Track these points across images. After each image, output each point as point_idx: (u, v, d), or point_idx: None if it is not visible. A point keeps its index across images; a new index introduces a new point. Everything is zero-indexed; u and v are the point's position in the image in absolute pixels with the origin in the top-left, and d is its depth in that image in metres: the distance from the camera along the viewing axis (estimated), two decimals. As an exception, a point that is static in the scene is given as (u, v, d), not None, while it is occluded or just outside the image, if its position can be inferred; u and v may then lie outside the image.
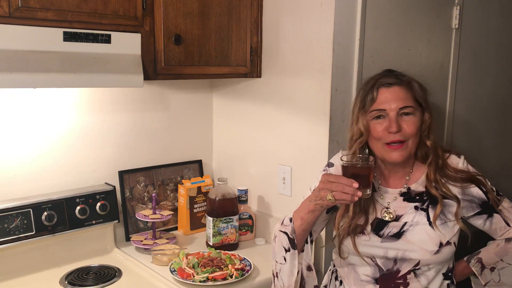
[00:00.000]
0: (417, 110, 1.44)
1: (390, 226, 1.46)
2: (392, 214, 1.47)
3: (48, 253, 1.83)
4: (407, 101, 1.42)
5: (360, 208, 1.47)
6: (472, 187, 1.47)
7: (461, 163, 1.50)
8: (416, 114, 1.44)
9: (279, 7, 1.96)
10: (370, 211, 1.48)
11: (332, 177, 1.35)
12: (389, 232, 1.45)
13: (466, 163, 1.51)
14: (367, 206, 1.48)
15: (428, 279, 1.44)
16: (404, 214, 1.46)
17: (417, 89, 1.45)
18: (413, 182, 1.50)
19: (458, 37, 2.26)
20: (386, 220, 1.47)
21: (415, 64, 2.09)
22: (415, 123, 1.42)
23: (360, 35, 1.82)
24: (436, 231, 1.42)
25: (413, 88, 1.45)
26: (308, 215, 1.43)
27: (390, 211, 1.47)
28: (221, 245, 1.97)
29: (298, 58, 1.90)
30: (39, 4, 1.45)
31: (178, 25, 1.77)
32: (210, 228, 1.97)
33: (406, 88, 1.44)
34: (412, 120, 1.42)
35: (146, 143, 2.17)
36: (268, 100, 2.05)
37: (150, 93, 2.16)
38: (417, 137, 1.44)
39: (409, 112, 1.42)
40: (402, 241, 1.43)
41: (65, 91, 1.91)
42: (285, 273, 1.47)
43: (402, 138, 1.41)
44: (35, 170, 1.88)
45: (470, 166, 1.51)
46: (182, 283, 1.66)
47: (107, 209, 1.94)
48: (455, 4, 2.22)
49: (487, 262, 1.49)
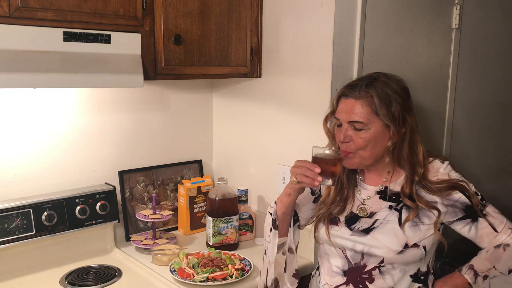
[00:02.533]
0: (372, 124, 1.42)
1: (362, 221, 1.50)
2: (366, 211, 1.51)
3: (48, 253, 1.83)
4: (358, 115, 1.43)
5: (340, 198, 1.54)
6: (454, 192, 1.46)
7: (443, 168, 1.49)
8: (371, 129, 1.43)
9: (279, 7, 1.96)
10: (348, 203, 1.54)
11: (300, 162, 1.44)
12: (360, 226, 1.49)
13: (449, 168, 1.49)
14: (347, 197, 1.54)
15: (393, 278, 1.46)
16: (378, 211, 1.49)
17: (378, 105, 1.41)
18: (391, 182, 1.51)
19: (458, 37, 2.26)
20: (360, 215, 1.51)
21: (415, 64, 2.09)
22: (364, 138, 1.43)
23: (360, 35, 1.82)
24: (404, 233, 1.44)
25: (373, 103, 1.42)
26: (286, 198, 1.50)
27: (365, 207, 1.51)
28: (221, 245, 1.97)
29: (298, 58, 1.90)
30: (39, 4, 1.45)
31: (178, 25, 1.77)
32: (210, 228, 1.97)
33: (362, 102, 1.43)
34: (362, 135, 1.43)
35: (146, 143, 2.17)
36: (268, 100, 2.06)
37: (150, 93, 2.16)
38: (371, 149, 1.45)
39: (358, 127, 1.43)
40: (370, 236, 1.47)
41: (65, 91, 1.91)
42: (269, 250, 1.57)
43: (348, 149, 1.47)
44: (35, 170, 1.88)
45: (453, 171, 1.49)
46: (182, 283, 1.66)
47: (107, 209, 1.94)
48: (455, 4, 2.22)
49: (479, 269, 1.44)
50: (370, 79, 1.48)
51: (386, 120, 1.42)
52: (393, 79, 1.49)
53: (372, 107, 1.42)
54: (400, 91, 1.45)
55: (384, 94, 1.42)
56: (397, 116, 1.42)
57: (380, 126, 1.43)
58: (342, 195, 1.54)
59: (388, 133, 1.44)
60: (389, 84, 1.45)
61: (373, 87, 1.44)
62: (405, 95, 1.47)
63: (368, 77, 1.50)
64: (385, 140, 1.45)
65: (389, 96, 1.42)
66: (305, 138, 1.90)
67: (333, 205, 1.54)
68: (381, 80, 1.46)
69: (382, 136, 1.44)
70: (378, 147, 1.45)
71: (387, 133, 1.44)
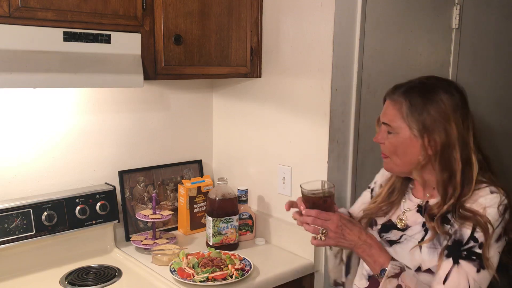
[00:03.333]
0: (400, 130, 1.36)
1: (393, 232, 1.45)
2: (403, 223, 1.44)
3: (48, 253, 1.83)
4: (387, 117, 1.39)
5: (388, 201, 1.48)
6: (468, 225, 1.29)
7: (485, 200, 1.30)
8: (399, 134, 1.36)
9: (279, 7, 1.96)
10: (392, 208, 1.48)
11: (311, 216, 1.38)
12: (388, 237, 1.45)
13: (493, 203, 1.29)
14: (393, 203, 1.48)
15: None
16: (412, 226, 1.42)
17: (407, 111, 1.34)
18: (433, 198, 1.42)
19: (458, 37, 2.26)
20: (397, 226, 1.45)
21: (415, 64, 2.09)
22: (391, 142, 1.38)
23: (360, 35, 1.82)
24: (420, 254, 1.36)
25: (403, 107, 1.35)
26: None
27: (403, 219, 1.45)
28: (221, 245, 1.97)
29: (298, 58, 1.90)
30: (39, 4, 1.45)
31: (178, 25, 1.77)
32: (210, 228, 1.96)
33: (395, 105, 1.38)
34: (390, 139, 1.39)
35: (146, 143, 2.17)
36: (268, 100, 2.05)
37: (150, 93, 2.16)
38: (402, 157, 1.38)
39: (389, 130, 1.39)
40: (391, 249, 1.42)
41: (65, 91, 1.91)
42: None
43: (382, 151, 1.43)
44: (35, 170, 1.88)
45: (494, 209, 1.28)
46: (182, 283, 1.66)
47: (107, 209, 1.94)
48: (455, 4, 2.22)
49: (404, 278, 1.29)
50: (416, 82, 1.40)
51: (413, 127, 1.33)
52: (440, 84, 1.38)
53: (401, 111, 1.36)
54: (447, 100, 1.33)
55: (419, 101, 1.33)
56: (429, 127, 1.32)
57: (408, 133, 1.35)
58: (390, 200, 1.48)
59: (417, 143, 1.34)
60: (429, 88, 1.36)
61: (411, 91, 1.36)
62: (453, 106, 1.34)
63: (417, 80, 1.41)
64: (415, 149, 1.35)
65: (425, 104, 1.33)
66: (305, 138, 1.90)
67: (380, 204, 1.49)
68: (426, 85, 1.37)
69: (411, 144, 1.35)
70: (410, 156, 1.36)
71: (416, 143, 1.34)
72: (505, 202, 1.30)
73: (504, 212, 1.29)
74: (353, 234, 1.35)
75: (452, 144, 1.32)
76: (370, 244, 1.35)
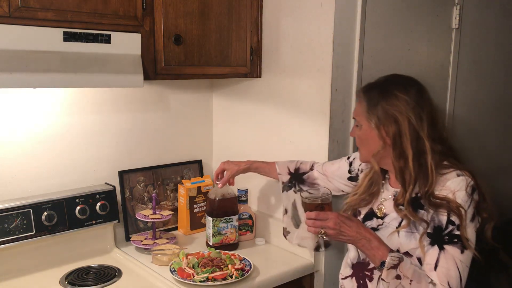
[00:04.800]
0: (363, 123, 1.50)
1: (374, 220, 1.54)
2: (382, 211, 1.53)
3: (48, 253, 1.83)
4: (355, 113, 1.55)
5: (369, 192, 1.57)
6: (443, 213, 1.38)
7: (453, 183, 1.39)
8: (362, 126, 1.51)
9: (279, 7, 1.96)
10: (373, 198, 1.57)
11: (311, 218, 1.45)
12: (370, 225, 1.53)
13: (461, 186, 1.38)
14: (374, 193, 1.57)
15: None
16: (389, 214, 1.51)
17: (366, 105, 1.48)
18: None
19: (458, 37, 2.26)
20: (377, 214, 1.54)
21: (415, 64, 2.09)
22: (357, 135, 1.54)
23: (360, 35, 1.82)
24: (398, 238, 1.44)
25: (363, 102, 1.50)
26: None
27: (382, 207, 1.54)
28: (221, 245, 1.97)
29: (298, 58, 1.90)
30: (39, 4, 1.45)
31: (178, 25, 1.77)
32: (210, 228, 1.96)
33: (359, 101, 1.54)
34: (356, 132, 1.54)
35: (146, 143, 2.17)
36: (268, 100, 2.05)
37: (150, 93, 2.16)
38: (365, 147, 1.52)
39: (357, 124, 1.54)
40: None
41: (65, 91, 1.91)
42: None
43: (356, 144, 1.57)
44: (35, 170, 1.88)
45: (463, 192, 1.37)
46: (182, 283, 1.66)
47: (107, 209, 1.93)
48: (455, 4, 2.21)
49: (402, 267, 1.34)
50: (378, 80, 1.54)
51: (370, 120, 1.47)
52: (397, 81, 1.51)
53: (362, 107, 1.50)
54: (401, 95, 1.44)
55: (375, 97, 1.47)
56: (383, 119, 1.45)
57: (367, 126, 1.49)
58: (370, 190, 1.57)
59: (375, 134, 1.47)
60: (386, 85, 1.48)
61: (371, 89, 1.51)
62: (406, 100, 1.44)
63: (381, 78, 1.55)
64: (375, 140, 1.48)
65: (379, 99, 1.46)
66: (305, 138, 1.90)
67: (361, 196, 1.58)
68: (383, 81, 1.52)
69: (370, 136, 1.48)
70: (372, 147, 1.49)
71: (374, 134, 1.47)
72: (472, 183, 1.39)
73: (472, 193, 1.39)
74: (352, 230, 1.41)
75: (403, 133, 1.43)
76: (369, 238, 1.40)
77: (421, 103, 1.45)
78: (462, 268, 1.34)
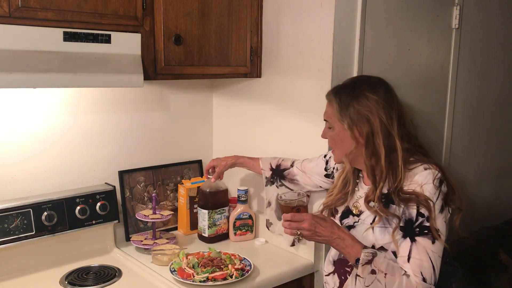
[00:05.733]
0: (335, 124, 1.52)
1: (350, 218, 1.57)
2: (357, 209, 1.56)
3: (48, 253, 1.83)
4: (327, 115, 1.56)
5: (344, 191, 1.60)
6: (412, 207, 1.41)
7: (420, 177, 1.42)
8: (335, 128, 1.53)
9: (279, 7, 1.96)
10: (348, 197, 1.60)
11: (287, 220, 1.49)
12: (347, 222, 1.57)
13: (428, 179, 1.41)
14: (348, 192, 1.60)
15: None
16: (364, 211, 1.54)
17: (337, 107, 1.50)
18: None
19: (458, 37, 2.26)
20: (353, 212, 1.57)
21: (415, 64, 2.09)
22: (330, 136, 1.57)
23: (360, 35, 1.82)
24: (373, 234, 1.47)
25: (334, 105, 1.51)
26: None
27: (357, 205, 1.57)
28: (215, 235, 2.06)
29: (298, 58, 1.90)
30: (39, 4, 1.45)
31: (178, 25, 1.77)
32: (205, 221, 2.04)
33: (329, 103, 1.55)
34: (329, 133, 1.57)
35: (146, 143, 2.17)
36: (268, 100, 2.05)
37: (150, 93, 2.16)
38: (339, 147, 1.54)
39: (329, 126, 1.56)
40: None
41: (65, 91, 1.91)
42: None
43: (329, 145, 1.60)
44: (35, 170, 1.88)
45: (431, 185, 1.41)
46: (182, 283, 1.66)
47: (107, 209, 1.94)
48: (455, 4, 2.21)
49: (376, 262, 1.38)
50: (347, 82, 1.57)
51: (343, 122, 1.48)
52: (365, 82, 1.54)
53: (334, 109, 1.51)
54: (371, 95, 1.47)
55: (346, 98, 1.49)
56: (355, 120, 1.47)
57: (340, 127, 1.51)
58: (345, 189, 1.60)
59: (348, 135, 1.49)
60: (355, 87, 1.51)
61: (341, 90, 1.52)
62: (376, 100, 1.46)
63: (349, 80, 1.59)
64: (348, 141, 1.50)
65: (351, 100, 1.48)
66: (305, 138, 1.90)
67: (337, 195, 1.61)
68: (351, 82, 1.56)
69: (344, 136, 1.50)
70: (345, 147, 1.52)
71: (347, 135, 1.49)
72: (439, 175, 1.42)
73: (440, 185, 1.42)
74: (326, 230, 1.44)
75: (376, 132, 1.46)
76: (343, 237, 1.44)
77: (390, 102, 1.48)
78: (434, 258, 1.38)
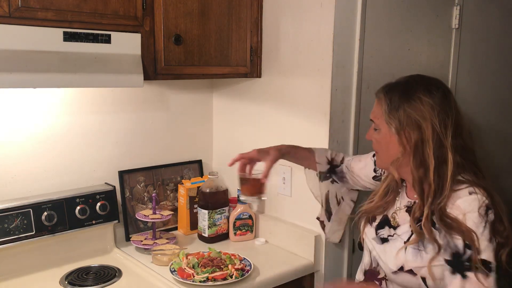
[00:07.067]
0: (382, 126, 1.39)
1: (386, 229, 1.45)
2: (395, 221, 1.44)
3: (48, 253, 1.83)
4: (374, 115, 1.42)
5: (385, 199, 1.49)
6: (457, 237, 1.27)
7: (464, 203, 1.28)
8: (381, 130, 1.39)
9: (279, 7, 1.96)
10: (389, 206, 1.48)
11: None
12: (382, 234, 1.45)
13: (472, 207, 1.26)
14: (389, 200, 1.48)
15: None
16: (401, 225, 1.42)
17: (386, 108, 1.37)
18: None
19: (458, 37, 2.26)
20: (390, 223, 1.45)
21: (415, 64, 2.09)
22: (375, 138, 1.43)
23: (360, 35, 1.82)
24: (405, 254, 1.35)
25: (384, 105, 1.38)
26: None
27: (395, 217, 1.45)
28: (215, 235, 2.05)
29: (298, 58, 1.90)
30: (39, 4, 1.45)
31: (178, 25, 1.77)
32: (205, 221, 2.04)
33: (378, 102, 1.41)
34: (374, 135, 1.43)
35: (146, 143, 2.17)
36: (268, 100, 2.05)
37: (150, 93, 2.16)
38: (385, 153, 1.41)
39: (375, 127, 1.42)
40: (382, 246, 1.43)
41: (65, 91, 1.91)
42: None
43: (373, 148, 1.47)
44: (35, 170, 1.88)
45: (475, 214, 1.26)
46: (182, 283, 1.66)
47: (107, 209, 1.94)
48: (455, 4, 2.22)
49: None
50: (400, 81, 1.41)
51: (390, 124, 1.35)
52: (422, 82, 1.37)
53: (382, 109, 1.38)
54: (425, 99, 1.33)
55: (397, 99, 1.35)
56: (404, 124, 1.33)
57: (387, 130, 1.37)
58: (386, 197, 1.49)
59: (395, 139, 1.36)
60: (409, 87, 1.36)
61: (393, 90, 1.38)
62: (431, 105, 1.32)
63: (403, 78, 1.42)
64: (395, 146, 1.36)
65: (402, 102, 1.34)
66: (305, 138, 1.90)
67: (377, 203, 1.50)
68: (407, 84, 1.38)
69: (390, 140, 1.37)
70: (391, 152, 1.38)
71: (394, 139, 1.36)
72: (486, 202, 1.27)
73: (486, 212, 1.26)
74: None
75: (426, 141, 1.32)
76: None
77: (446, 108, 1.33)
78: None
